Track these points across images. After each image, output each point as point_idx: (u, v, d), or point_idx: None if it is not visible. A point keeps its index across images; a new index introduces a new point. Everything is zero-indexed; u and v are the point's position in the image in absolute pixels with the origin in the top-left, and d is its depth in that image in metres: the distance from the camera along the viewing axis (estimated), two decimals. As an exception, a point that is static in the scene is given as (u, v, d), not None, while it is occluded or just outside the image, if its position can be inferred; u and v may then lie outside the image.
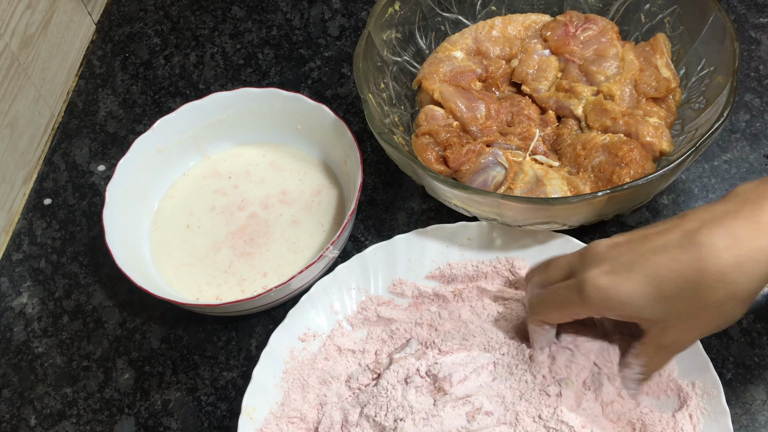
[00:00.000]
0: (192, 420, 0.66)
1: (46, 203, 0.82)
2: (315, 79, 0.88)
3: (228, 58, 0.91)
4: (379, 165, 0.79)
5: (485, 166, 0.69)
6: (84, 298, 0.74)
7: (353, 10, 0.93)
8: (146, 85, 0.90)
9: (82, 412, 0.68)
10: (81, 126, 0.87)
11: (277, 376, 0.63)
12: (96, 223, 0.79)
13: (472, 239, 0.68)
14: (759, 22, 0.85)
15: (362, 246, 0.73)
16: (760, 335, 0.65)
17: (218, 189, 0.78)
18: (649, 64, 0.73)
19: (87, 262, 0.77)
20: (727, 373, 0.63)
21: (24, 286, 0.76)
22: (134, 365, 0.70)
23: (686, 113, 0.71)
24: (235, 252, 0.74)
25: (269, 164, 0.79)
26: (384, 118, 0.71)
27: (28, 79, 0.82)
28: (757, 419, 0.61)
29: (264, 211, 0.76)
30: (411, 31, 0.78)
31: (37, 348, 0.72)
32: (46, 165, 0.84)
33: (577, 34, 0.76)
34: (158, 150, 0.76)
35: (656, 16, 0.76)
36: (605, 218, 0.66)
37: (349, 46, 0.90)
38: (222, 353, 0.70)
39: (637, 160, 0.66)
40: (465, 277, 0.67)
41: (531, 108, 0.74)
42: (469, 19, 0.81)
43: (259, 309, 0.69)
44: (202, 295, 0.71)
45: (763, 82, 0.80)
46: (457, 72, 0.76)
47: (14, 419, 0.68)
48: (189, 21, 0.96)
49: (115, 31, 0.96)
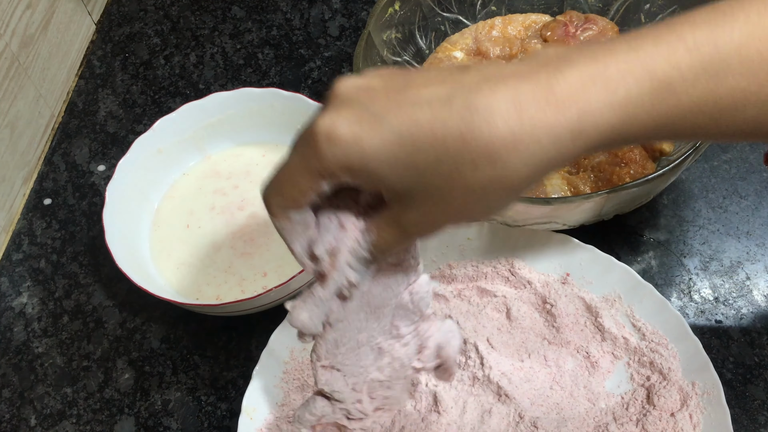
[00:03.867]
0: (192, 420, 0.66)
1: (46, 203, 0.82)
2: (315, 79, 0.88)
3: (228, 58, 0.91)
4: (379, 165, 0.79)
5: (485, 166, 0.69)
6: (84, 298, 0.74)
7: (353, 10, 0.93)
8: (146, 85, 0.90)
9: (82, 412, 0.68)
10: (81, 126, 0.87)
11: (277, 376, 0.63)
12: (96, 223, 0.79)
13: (472, 239, 0.68)
14: (759, 22, 0.85)
15: (362, 246, 0.73)
16: (760, 335, 0.65)
17: (218, 189, 0.78)
18: (649, 64, 0.73)
19: (87, 262, 0.77)
20: (727, 373, 0.63)
21: (24, 286, 0.76)
22: (134, 365, 0.70)
23: (686, 113, 0.71)
24: (235, 252, 0.74)
25: (269, 164, 0.79)
26: (384, 118, 0.71)
27: (28, 79, 0.82)
28: (757, 419, 0.61)
29: (264, 211, 0.75)
30: (411, 31, 0.78)
31: (37, 348, 0.72)
32: (46, 165, 0.85)
33: (577, 34, 0.76)
34: (158, 150, 0.76)
35: (656, 16, 0.76)
36: (605, 218, 0.66)
37: (349, 46, 0.90)
38: (222, 353, 0.70)
39: (637, 160, 0.66)
40: (465, 278, 0.67)
41: (531, 108, 0.74)
42: (469, 19, 0.81)
43: (259, 309, 0.69)
44: (202, 295, 0.71)
45: (763, 82, 0.80)
46: (457, 72, 0.76)
47: (14, 419, 0.68)
48: (189, 21, 0.96)
49: (115, 31, 0.96)
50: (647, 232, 0.72)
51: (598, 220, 0.66)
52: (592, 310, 0.63)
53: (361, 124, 0.37)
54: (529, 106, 0.35)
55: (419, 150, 0.37)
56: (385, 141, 0.37)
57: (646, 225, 0.72)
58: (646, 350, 0.61)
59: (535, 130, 0.35)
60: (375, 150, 0.37)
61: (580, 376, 0.62)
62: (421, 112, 0.37)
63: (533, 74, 0.36)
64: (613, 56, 0.36)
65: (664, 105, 0.36)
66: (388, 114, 0.37)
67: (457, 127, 0.36)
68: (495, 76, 0.37)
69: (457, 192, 0.38)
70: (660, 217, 0.73)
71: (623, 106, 0.36)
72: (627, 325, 0.62)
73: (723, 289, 0.68)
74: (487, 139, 0.35)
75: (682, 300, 0.68)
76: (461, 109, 0.36)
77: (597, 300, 0.64)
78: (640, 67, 0.36)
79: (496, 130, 0.35)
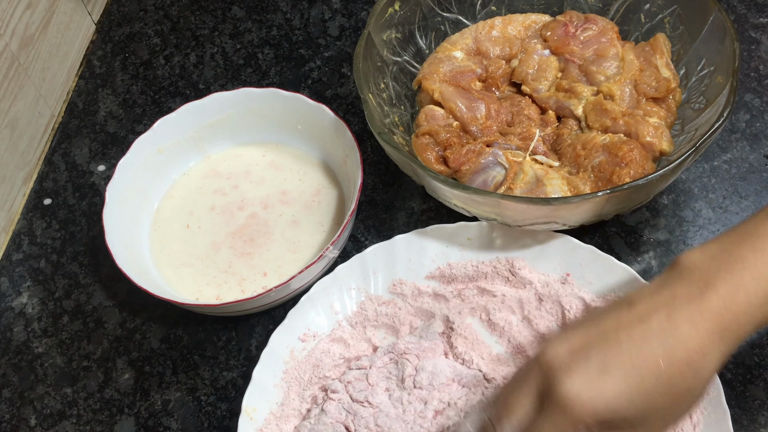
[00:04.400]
0: (192, 420, 0.66)
1: (46, 203, 0.82)
2: (315, 79, 0.88)
3: (228, 58, 0.91)
4: (379, 165, 0.79)
5: (485, 166, 0.69)
6: (84, 298, 0.74)
7: (353, 10, 0.93)
8: (146, 85, 0.90)
9: (82, 412, 0.68)
10: (81, 126, 0.87)
11: (277, 376, 0.63)
12: (96, 223, 0.79)
13: (472, 239, 0.68)
14: (759, 22, 0.85)
15: (362, 246, 0.73)
16: (760, 335, 0.65)
17: (218, 189, 0.78)
18: (649, 64, 0.73)
19: (87, 262, 0.77)
20: (727, 373, 0.63)
21: (24, 286, 0.76)
22: (134, 365, 0.70)
23: (686, 113, 0.71)
24: (235, 252, 0.74)
25: (269, 164, 0.79)
26: (384, 118, 0.71)
27: (28, 79, 0.82)
28: (757, 419, 0.61)
29: (264, 211, 0.76)
30: (411, 31, 0.78)
31: (37, 348, 0.72)
32: (46, 165, 0.84)
33: (577, 34, 0.76)
34: (158, 150, 0.76)
35: (656, 16, 0.76)
36: (605, 218, 0.66)
37: (349, 46, 0.90)
38: (222, 353, 0.70)
39: (637, 160, 0.66)
40: (465, 278, 0.67)
41: (531, 108, 0.74)
42: (469, 19, 0.81)
43: (259, 309, 0.69)
44: (202, 295, 0.71)
45: (763, 82, 0.80)
46: (457, 72, 0.76)
47: (14, 419, 0.68)
48: (189, 21, 0.96)
49: (115, 31, 0.96)
50: (647, 232, 0.72)
51: (598, 220, 0.66)
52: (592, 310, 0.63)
53: (595, 380, 0.46)
54: (700, 321, 0.46)
55: (644, 378, 0.46)
56: (618, 383, 0.46)
57: (646, 225, 0.72)
58: (646, 350, 0.61)
59: (713, 336, 0.46)
60: (613, 393, 0.46)
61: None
62: (630, 352, 0.46)
63: (692, 297, 0.47)
64: (743, 264, 0.47)
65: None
66: (609, 363, 0.46)
67: (662, 352, 0.46)
68: (662, 305, 0.47)
69: (674, 398, 0.47)
70: (660, 217, 0.73)
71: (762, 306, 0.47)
72: (627, 325, 0.62)
73: (723, 289, 0.68)
74: (685, 353, 0.46)
75: (682, 300, 0.68)
76: (660, 338, 0.46)
77: (597, 300, 0.64)
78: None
79: (689, 345, 0.46)
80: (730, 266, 0.47)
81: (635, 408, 0.46)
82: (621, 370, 0.46)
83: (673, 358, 0.46)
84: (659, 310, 0.47)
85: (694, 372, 0.46)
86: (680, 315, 0.46)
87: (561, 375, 0.46)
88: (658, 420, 0.48)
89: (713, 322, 0.46)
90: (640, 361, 0.46)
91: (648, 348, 0.46)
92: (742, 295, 0.47)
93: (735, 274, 0.47)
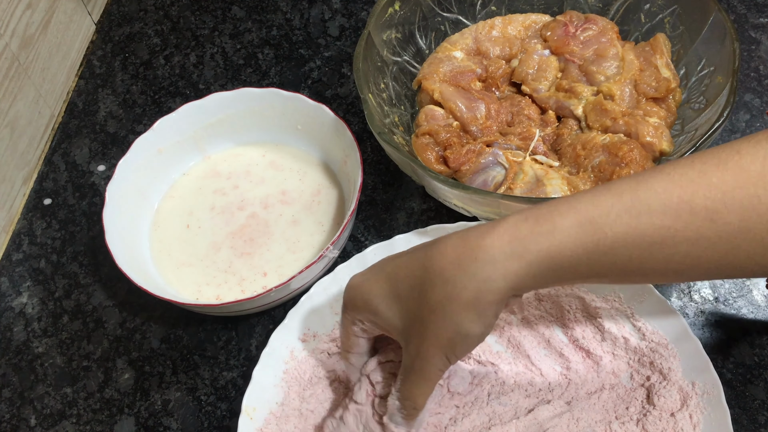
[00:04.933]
0: (192, 420, 0.66)
1: (46, 203, 0.82)
2: (315, 79, 0.88)
3: (228, 58, 0.91)
4: (379, 165, 0.79)
5: (485, 166, 0.69)
6: (84, 298, 0.74)
7: (353, 10, 0.93)
8: (146, 85, 0.90)
9: (82, 412, 0.68)
10: (81, 126, 0.87)
11: (277, 376, 0.63)
12: (96, 223, 0.79)
13: (472, 239, 0.68)
14: (759, 22, 0.85)
15: (362, 246, 0.73)
16: (760, 335, 0.65)
17: (218, 189, 0.78)
18: (649, 64, 0.73)
19: (87, 262, 0.77)
20: (727, 373, 0.63)
21: (24, 286, 0.76)
22: (134, 365, 0.70)
23: (686, 113, 0.71)
24: (235, 252, 0.74)
25: (269, 164, 0.79)
26: (384, 118, 0.71)
27: (28, 79, 0.82)
28: (757, 419, 0.61)
29: (264, 211, 0.76)
30: (411, 31, 0.78)
31: (37, 348, 0.72)
32: (46, 165, 0.85)
33: (577, 34, 0.76)
34: (158, 150, 0.76)
35: (656, 16, 0.76)
36: (605, 218, 0.66)
37: (349, 46, 0.90)
38: (222, 353, 0.70)
39: (637, 160, 0.66)
40: (465, 277, 0.67)
41: (531, 108, 0.74)
42: (469, 19, 0.81)
43: (259, 309, 0.69)
44: (202, 295, 0.71)
45: (763, 82, 0.80)
46: (457, 72, 0.76)
47: (14, 419, 0.68)
48: (189, 21, 0.96)
49: (115, 31, 0.96)
50: (647, 232, 0.72)
51: (598, 220, 0.66)
52: (592, 310, 0.63)
53: (367, 275, 0.51)
54: (472, 239, 0.45)
55: (399, 281, 0.48)
56: (378, 281, 0.50)
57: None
58: (646, 350, 0.61)
59: (475, 251, 0.45)
60: (372, 288, 0.50)
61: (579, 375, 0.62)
62: (402, 258, 0.49)
63: (478, 227, 0.46)
64: (546, 204, 0.46)
65: (590, 238, 0.43)
66: (384, 265, 0.50)
67: (421, 260, 0.47)
68: (452, 234, 0.47)
69: (428, 313, 0.47)
70: (660, 217, 0.72)
71: (551, 232, 0.44)
72: (627, 325, 0.62)
73: (723, 289, 0.68)
74: (440, 263, 0.46)
75: (682, 300, 0.68)
76: (425, 249, 0.48)
77: (597, 300, 0.64)
78: (566, 206, 0.44)
79: (446, 256, 0.46)
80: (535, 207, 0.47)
81: (392, 312, 0.49)
82: (384, 272, 0.50)
83: (427, 265, 0.47)
84: (446, 237, 0.47)
85: (444, 285, 0.45)
86: (455, 235, 0.47)
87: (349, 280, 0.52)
88: (416, 336, 0.48)
89: (484, 239, 0.45)
90: (401, 266, 0.49)
91: (412, 256, 0.48)
92: (532, 223, 0.45)
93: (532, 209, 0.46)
